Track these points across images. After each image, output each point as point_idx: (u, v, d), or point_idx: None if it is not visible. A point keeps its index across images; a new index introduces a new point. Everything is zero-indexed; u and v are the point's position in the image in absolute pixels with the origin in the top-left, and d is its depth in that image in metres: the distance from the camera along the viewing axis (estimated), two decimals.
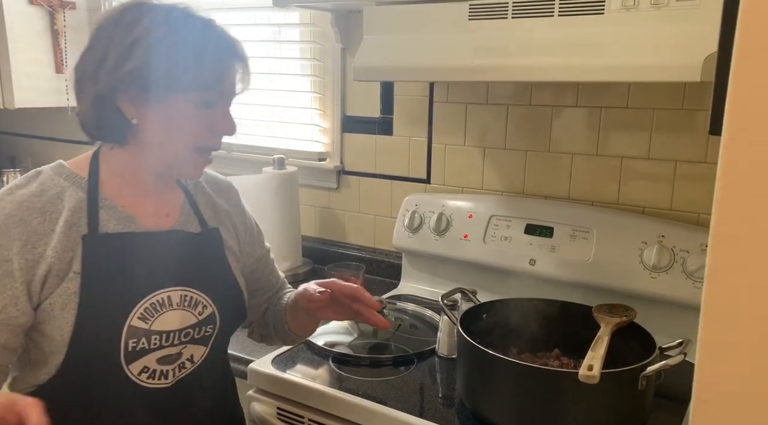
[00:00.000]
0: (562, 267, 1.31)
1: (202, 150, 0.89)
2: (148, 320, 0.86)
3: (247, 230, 1.05)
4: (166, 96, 0.83)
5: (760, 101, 0.47)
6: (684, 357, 0.89)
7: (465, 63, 1.15)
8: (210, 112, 0.87)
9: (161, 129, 0.86)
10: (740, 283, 0.51)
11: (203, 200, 0.99)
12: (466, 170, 1.54)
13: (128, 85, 0.82)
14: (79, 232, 0.84)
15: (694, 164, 1.28)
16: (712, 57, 0.81)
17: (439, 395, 1.11)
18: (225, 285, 0.96)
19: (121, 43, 0.82)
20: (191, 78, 0.83)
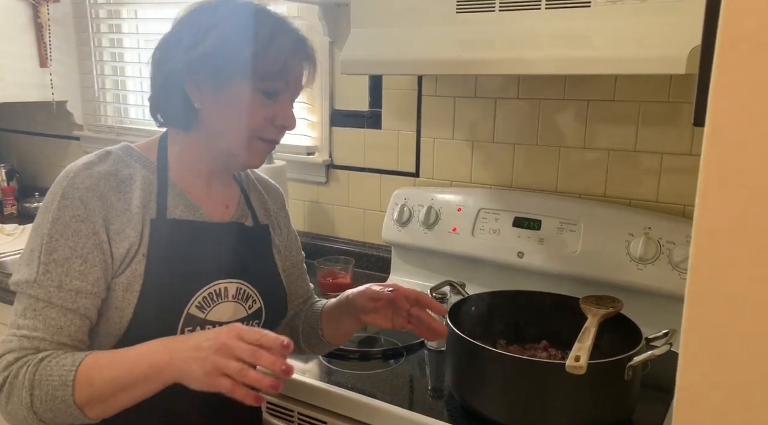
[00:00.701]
0: (550, 259, 1.32)
1: (265, 141, 0.90)
2: (205, 309, 0.87)
3: (289, 233, 1.07)
4: (229, 83, 0.85)
5: (743, 93, 0.48)
6: (670, 347, 0.90)
7: (453, 56, 1.15)
8: (272, 103, 0.88)
9: (222, 116, 0.87)
10: (723, 273, 0.51)
11: (255, 196, 1.01)
12: (454, 163, 1.55)
13: (196, 68, 0.84)
14: (149, 214, 0.85)
15: (679, 157, 1.29)
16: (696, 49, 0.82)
17: (429, 387, 1.11)
18: (272, 281, 0.98)
19: (198, 28, 0.85)
20: (254, 66, 0.84)
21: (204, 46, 0.83)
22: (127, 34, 2.11)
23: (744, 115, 0.48)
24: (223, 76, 0.84)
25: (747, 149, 0.48)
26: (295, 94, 0.92)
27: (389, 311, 0.96)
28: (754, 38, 0.47)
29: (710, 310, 0.51)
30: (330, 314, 1.03)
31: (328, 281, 1.53)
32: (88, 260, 0.80)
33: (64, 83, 2.13)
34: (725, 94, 0.48)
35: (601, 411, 0.94)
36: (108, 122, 2.19)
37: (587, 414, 0.93)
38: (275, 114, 0.89)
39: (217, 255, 0.90)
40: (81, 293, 0.80)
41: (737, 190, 0.49)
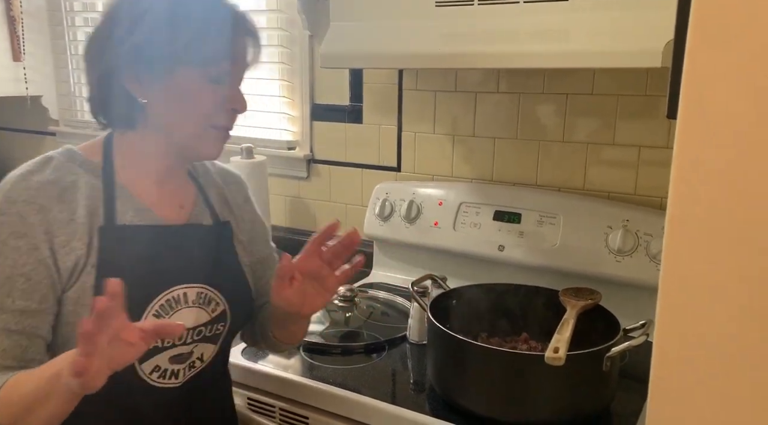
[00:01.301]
0: (530, 253, 1.33)
1: (218, 128, 0.86)
2: (163, 317, 0.83)
3: (254, 226, 1.01)
4: (172, 71, 0.80)
5: (713, 86, 0.48)
6: (647, 337, 0.91)
7: (432, 50, 1.15)
8: (220, 88, 0.84)
9: (172, 108, 0.82)
10: (696, 264, 0.52)
11: (214, 192, 0.96)
12: (435, 157, 1.55)
13: (133, 61, 0.79)
14: (96, 223, 0.80)
15: (657, 150, 1.30)
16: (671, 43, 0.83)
17: (411, 381, 1.12)
18: (235, 282, 0.94)
19: (126, 18, 0.79)
20: (197, 51, 0.80)
21: (137, 35, 0.78)
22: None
23: (714, 107, 0.48)
24: (163, 66, 0.79)
25: (718, 140, 0.49)
26: (241, 74, 0.87)
27: (315, 287, 0.87)
28: (724, 32, 0.48)
29: (683, 301, 0.52)
30: (275, 316, 0.96)
31: None
32: (32, 278, 0.76)
33: (38, 78, 2.09)
34: (696, 87, 0.49)
35: (580, 402, 0.95)
36: (84, 117, 2.15)
37: (566, 405, 0.94)
38: (224, 98, 0.84)
39: (174, 260, 0.85)
40: (26, 312, 0.76)
41: (709, 181, 0.50)
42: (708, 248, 0.51)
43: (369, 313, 1.35)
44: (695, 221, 0.51)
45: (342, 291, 1.34)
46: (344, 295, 1.34)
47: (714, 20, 0.48)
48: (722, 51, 0.48)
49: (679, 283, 0.52)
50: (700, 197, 0.50)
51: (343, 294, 1.34)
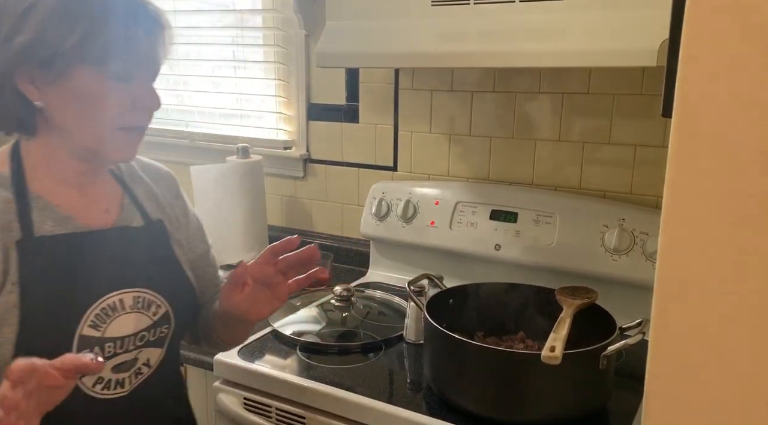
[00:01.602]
0: (526, 252, 1.33)
1: (128, 129, 0.80)
2: (100, 327, 0.78)
3: (189, 223, 0.97)
4: (69, 70, 0.73)
5: (708, 85, 0.48)
6: (643, 336, 0.91)
7: (429, 49, 1.15)
8: (129, 86, 0.77)
9: (74, 110, 0.76)
10: (691, 262, 0.52)
11: (142, 190, 0.90)
12: (432, 157, 1.55)
13: (24, 61, 0.72)
14: (12, 237, 0.74)
15: (653, 149, 1.31)
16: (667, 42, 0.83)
17: (408, 380, 1.12)
18: (176, 282, 0.89)
19: (12, 13, 0.72)
20: (94, 47, 0.73)
21: (26, 33, 0.71)
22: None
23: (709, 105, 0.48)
24: (58, 66, 0.72)
25: (713, 139, 0.49)
26: (153, 70, 0.81)
27: (266, 294, 0.85)
28: (718, 31, 0.48)
29: (678, 299, 0.52)
30: (220, 317, 0.93)
31: None
32: None
33: None
34: (691, 86, 0.49)
35: (577, 400, 0.95)
36: None
37: (563, 403, 0.94)
38: (135, 97, 0.78)
39: (104, 266, 0.80)
40: None
41: (703, 180, 0.50)
42: (703, 246, 0.51)
43: (366, 313, 1.35)
44: (690, 219, 0.51)
45: (339, 291, 1.34)
46: (341, 295, 1.34)
47: (708, 19, 0.48)
48: (717, 50, 0.48)
49: (675, 281, 0.52)
50: (695, 195, 0.50)
51: (339, 294, 1.34)
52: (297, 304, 1.38)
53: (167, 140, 1.90)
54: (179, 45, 1.86)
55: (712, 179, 0.50)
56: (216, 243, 1.61)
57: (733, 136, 0.48)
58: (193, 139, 1.86)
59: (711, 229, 0.51)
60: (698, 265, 0.51)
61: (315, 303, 1.38)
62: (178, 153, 1.89)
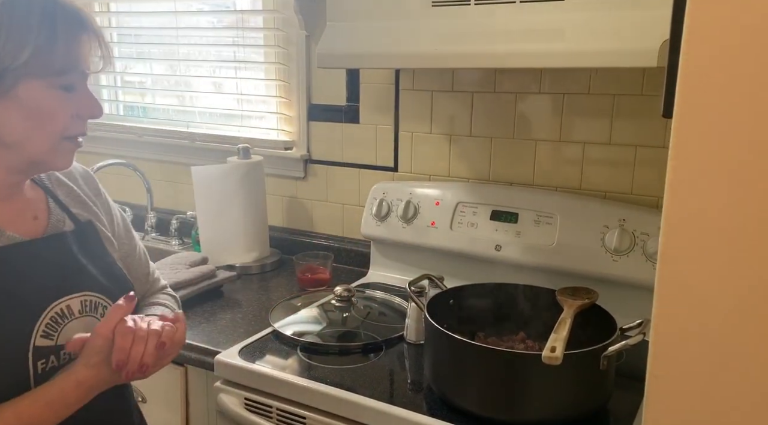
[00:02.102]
0: (527, 252, 1.33)
1: (71, 138, 0.80)
2: (52, 336, 0.78)
3: (114, 219, 0.97)
4: (16, 86, 0.73)
5: (708, 85, 0.48)
6: (644, 336, 0.91)
7: (429, 50, 1.15)
8: (72, 96, 0.78)
9: (19, 124, 0.75)
10: (692, 262, 0.52)
11: (64, 192, 0.89)
12: (432, 157, 1.55)
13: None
14: None
15: (653, 149, 1.31)
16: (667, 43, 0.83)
17: (408, 381, 1.12)
18: (116, 280, 0.89)
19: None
20: (48, 61, 0.73)
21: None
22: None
23: (710, 106, 0.49)
24: (7, 82, 0.72)
25: (713, 139, 0.49)
26: (86, 77, 0.81)
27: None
28: (719, 31, 0.48)
29: (679, 299, 0.52)
30: None
31: (306, 277, 1.52)
32: None
33: None
34: (692, 86, 0.49)
35: (578, 401, 0.95)
36: None
37: (564, 404, 0.94)
38: (78, 106, 0.79)
39: (45, 274, 0.80)
40: None
41: (704, 180, 0.50)
42: (704, 246, 0.51)
43: (366, 313, 1.35)
44: (691, 219, 0.51)
45: (339, 291, 1.34)
46: (341, 295, 1.34)
47: (709, 20, 0.48)
48: (717, 50, 0.48)
49: (676, 281, 0.52)
50: (696, 195, 0.51)
51: (340, 294, 1.34)
52: (298, 304, 1.38)
53: (168, 140, 1.90)
54: (180, 46, 1.87)
55: (713, 180, 0.50)
56: (217, 244, 1.62)
57: (734, 136, 0.48)
58: (193, 139, 1.86)
59: (712, 229, 0.51)
60: (699, 265, 0.51)
61: (315, 304, 1.38)
62: (179, 154, 1.89)
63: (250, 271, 1.62)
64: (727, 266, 0.51)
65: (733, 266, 0.51)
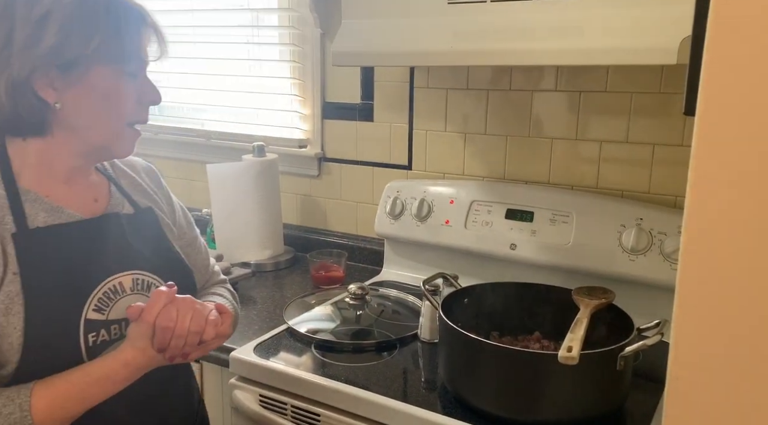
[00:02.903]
0: (543, 251, 1.32)
1: (133, 125, 0.86)
2: (104, 310, 0.82)
3: (175, 211, 1.01)
4: (87, 73, 0.78)
5: (733, 82, 0.48)
6: (661, 337, 0.90)
7: (444, 47, 1.14)
8: (134, 83, 0.83)
9: (90, 109, 0.80)
10: (713, 263, 0.51)
11: (126, 181, 0.95)
12: (447, 155, 1.54)
13: (44, 66, 0.75)
14: (7, 230, 0.77)
15: (671, 148, 1.29)
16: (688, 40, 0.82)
17: (422, 379, 1.11)
18: (172, 264, 0.93)
19: (26, 19, 0.75)
20: (114, 49, 0.79)
21: (46, 40, 0.74)
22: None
23: (734, 103, 0.48)
24: (80, 68, 0.77)
25: (737, 137, 0.48)
26: (146, 65, 0.86)
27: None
28: (743, 27, 0.47)
29: (700, 300, 0.51)
30: None
31: (321, 275, 1.53)
32: None
33: None
34: (715, 84, 0.48)
35: (594, 401, 0.94)
36: None
37: (580, 404, 0.94)
38: (140, 93, 0.84)
39: (101, 251, 0.84)
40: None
41: (728, 179, 0.49)
42: (726, 246, 0.50)
43: (380, 311, 1.35)
44: (714, 219, 0.50)
45: (353, 289, 1.34)
46: (355, 293, 1.34)
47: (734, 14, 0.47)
48: (743, 45, 0.47)
49: (697, 281, 0.51)
50: (719, 194, 0.50)
51: (354, 292, 1.34)
52: (312, 302, 1.38)
53: (183, 138, 1.92)
54: (196, 44, 1.88)
55: (737, 178, 0.49)
56: (231, 241, 1.63)
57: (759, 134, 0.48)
58: (209, 137, 1.87)
59: (734, 228, 0.50)
60: (721, 265, 0.50)
61: (329, 301, 1.38)
62: (194, 151, 1.90)
63: (264, 268, 1.63)
64: (749, 265, 0.50)
65: (756, 266, 0.50)
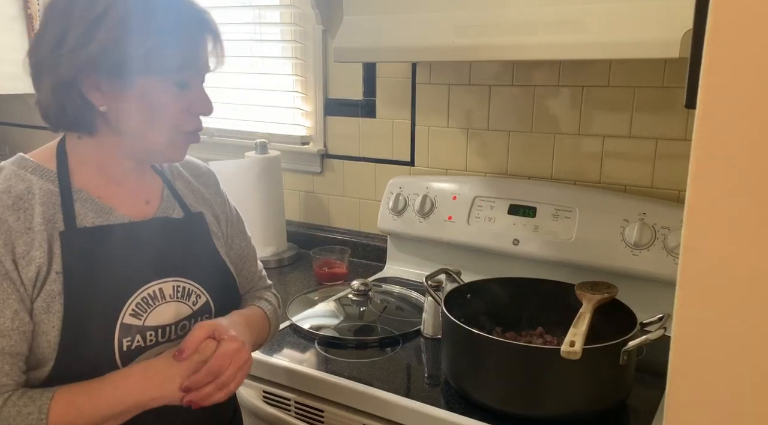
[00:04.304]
0: (545, 246, 1.32)
1: (184, 134, 0.84)
2: (141, 315, 0.81)
3: (229, 218, 1.00)
4: (135, 80, 0.77)
5: (733, 75, 0.47)
6: (664, 331, 0.90)
7: (446, 43, 1.14)
8: (186, 92, 0.81)
9: (137, 116, 0.79)
10: (715, 256, 0.51)
11: (182, 184, 0.94)
12: (449, 151, 1.54)
13: (92, 68, 0.75)
14: (55, 228, 0.77)
15: (674, 142, 1.29)
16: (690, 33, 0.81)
17: (425, 375, 1.12)
18: (216, 272, 0.92)
19: (82, 19, 0.74)
20: (166, 58, 0.77)
21: (96, 41, 0.73)
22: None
23: (735, 96, 0.48)
24: (127, 74, 0.76)
25: (739, 130, 0.48)
26: (203, 75, 0.85)
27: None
28: (743, 20, 0.47)
29: (702, 294, 0.51)
30: None
31: (323, 271, 1.53)
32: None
33: None
34: (716, 77, 0.48)
35: (597, 396, 0.94)
36: None
37: (583, 399, 0.94)
38: (191, 103, 0.82)
39: (145, 255, 0.83)
40: (1, 333, 0.73)
41: (729, 172, 0.49)
42: (727, 240, 0.50)
43: (383, 307, 1.36)
44: (715, 212, 0.50)
45: (356, 285, 1.34)
46: (358, 289, 1.34)
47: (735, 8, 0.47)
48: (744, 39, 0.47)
49: (698, 275, 0.51)
50: (720, 188, 0.50)
51: (357, 288, 1.34)
52: (315, 298, 1.39)
53: None
54: None
55: (738, 172, 0.49)
56: None
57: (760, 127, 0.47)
58: (211, 135, 1.88)
59: (736, 222, 0.50)
60: (722, 259, 0.50)
61: (333, 298, 1.38)
62: (197, 149, 1.90)
63: (267, 265, 1.63)
64: (750, 259, 0.50)
65: (757, 260, 0.50)
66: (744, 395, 0.52)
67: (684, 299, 0.52)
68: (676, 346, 0.54)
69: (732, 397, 0.53)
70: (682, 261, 0.53)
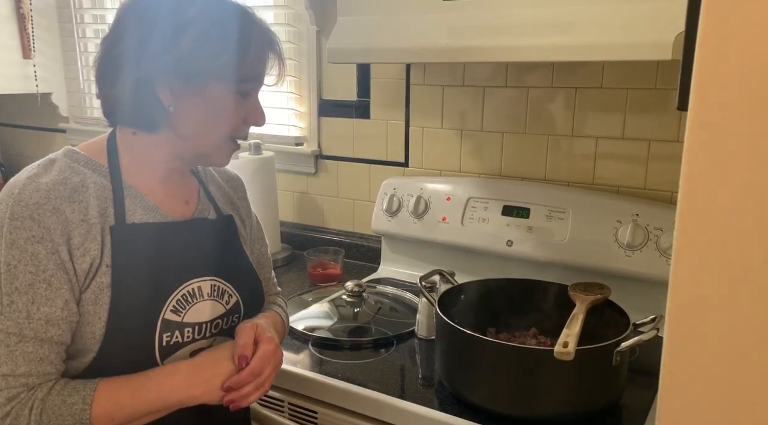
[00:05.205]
0: (539, 247, 1.32)
1: (234, 140, 0.89)
2: (180, 312, 0.84)
3: (252, 224, 1.04)
4: (206, 86, 0.82)
5: (725, 77, 0.48)
6: (657, 332, 0.90)
7: (440, 44, 1.14)
8: (245, 103, 0.87)
9: (198, 119, 0.84)
10: (707, 258, 0.51)
11: (214, 187, 0.99)
12: (443, 152, 1.55)
13: (170, 71, 0.79)
14: (107, 222, 0.80)
15: (667, 144, 1.29)
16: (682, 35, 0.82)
17: (419, 376, 1.12)
18: (245, 273, 0.96)
19: (168, 26, 0.79)
20: (236, 69, 0.82)
21: (180, 48, 0.79)
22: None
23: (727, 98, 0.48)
24: (200, 80, 0.81)
25: (730, 132, 0.48)
26: (260, 87, 0.90)
27: None
28: (735, 22, 0.47)
29: (693, 294, 0.52)
30: None
31: (318, 272, 1.53)
32: (53, 284, 0.75)
33: (48, 75, 2.10)
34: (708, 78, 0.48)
35: (590, 397, 0.95)
36: (94, 114, 2.16)
37: (576, 400, 0.94)
38: (248, 112, 0.88)
39: (186, 254, 0.87)
40: (51, 321, 0.75)
41: (720, 174, 0.49)
42: (719, 241, 0.50)
43: (377, 308, 1.36)
44: (706, 214, 0.50)
45: (350, 286, 1.34)
46: (352, 290, 1.34)
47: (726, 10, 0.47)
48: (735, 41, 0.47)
49: (690, 276, 0.51)
50: (711, 189, 0.50)
51: (351, 289, 1.34)
52: (309, 300, 1.38)
53: None
54: None
55: (729, 173, 0.49)
56: None
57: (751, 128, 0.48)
58: None
59: (728, 224, 0.50)
60: (714, 260, 0.51)
61: (327, 299, 1.38)
62: None
63: None
64: (742, 260, 0.50)
65: (749, 261, 0.50)
66: (736, 395, 0.52)
67: (676, 300, 0.53)
68: (668, 348, 0.54)
69: (724, 397, 0.53)
70: (674, 262, 0.53)
